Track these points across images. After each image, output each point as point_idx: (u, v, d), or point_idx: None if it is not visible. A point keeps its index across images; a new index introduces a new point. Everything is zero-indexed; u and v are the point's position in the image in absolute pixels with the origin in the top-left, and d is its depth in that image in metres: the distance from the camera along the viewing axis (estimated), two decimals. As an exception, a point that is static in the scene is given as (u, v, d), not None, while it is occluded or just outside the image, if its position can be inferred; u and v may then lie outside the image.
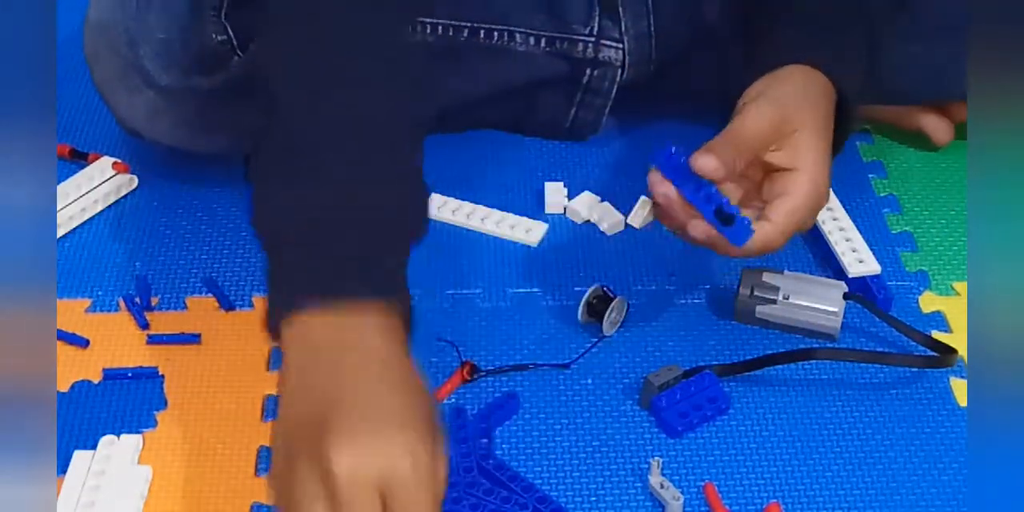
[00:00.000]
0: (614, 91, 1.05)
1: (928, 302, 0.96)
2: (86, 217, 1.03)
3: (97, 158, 1.07)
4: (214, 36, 0.97)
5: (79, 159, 1.08)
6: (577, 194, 1.04)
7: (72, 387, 0.90)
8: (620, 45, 1.03)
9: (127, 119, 1.02)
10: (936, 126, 1.08)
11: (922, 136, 1.09)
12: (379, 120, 0.78)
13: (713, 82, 0.99)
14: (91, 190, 1.04)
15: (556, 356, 0.92)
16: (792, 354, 0.90)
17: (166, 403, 0.89)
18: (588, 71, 1.03)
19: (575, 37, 1.02)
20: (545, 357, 0.92)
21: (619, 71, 1.04)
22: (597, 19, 1.02)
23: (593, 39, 1.02)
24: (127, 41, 0.99)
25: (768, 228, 0.82)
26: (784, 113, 0.83)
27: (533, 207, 1.04)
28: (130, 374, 0.90)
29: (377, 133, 0.77)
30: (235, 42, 0.97)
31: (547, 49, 1.02)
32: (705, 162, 0.78)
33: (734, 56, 0.94)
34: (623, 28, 1.03)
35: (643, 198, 1.02)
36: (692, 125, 1.11)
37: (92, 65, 1.03)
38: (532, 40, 1.02)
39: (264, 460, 0.85)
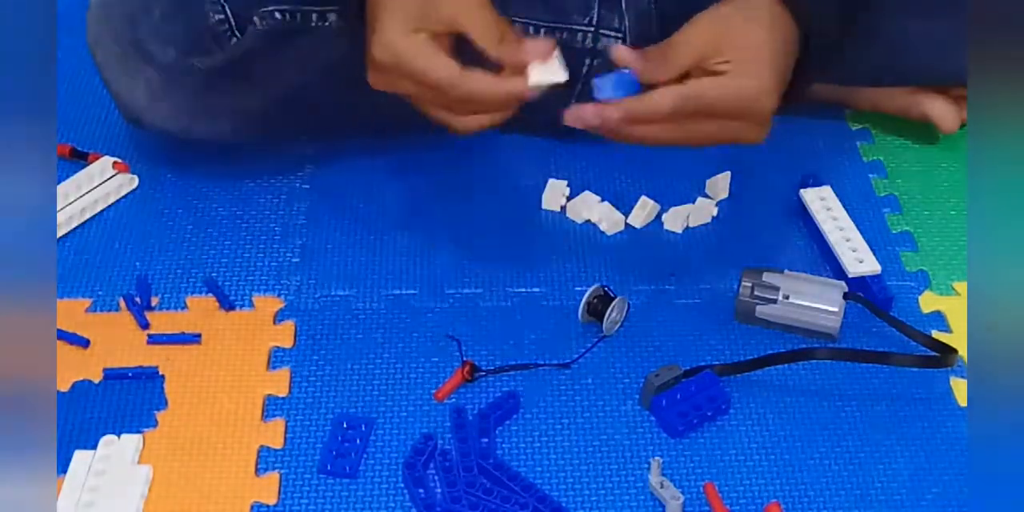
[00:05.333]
0: None
1: (928, 302, 0.96)
2: (86, 217, 1.03)
3: (97, 158, 1.07)
4: (212, 16, 0.97)
5: (79, 159, 1.08)
6: (578, 194, 1.04)
7: (72, 387, 0.90)
8: (620, 35, 1.03)
9: (127, 103, 1.03)
10: (943, 112, 1.07)
11: (929, 125, 1.09)
12: None
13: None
14: (91, 190, 1.04)
15: (556, 356, 0.92)
16: (792, 354, 0.90)
17: (166, 403, 0.89)
18: (588, 62, 1.03)
19: (574, 27, 1.02)
20: (545, 357, 0.92)
21: None
22: (596, 9, 1.02)
23: (592, 29, 1.02)
24: (128, 20, 1.00)
25: (659, 91, 0.83)
26: (727, 27, 0.84)
27: (534, 207, 1.04)
28: (130, 374, 0.90)
29: None
30: (232, 23, 0.98)
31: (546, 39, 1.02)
32: (619, 49, 0.84)
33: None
34: (622, 18, 1.02)
35: (643, 198, 1.02)
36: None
37: (94, 49, 1.04)
38: (531, 31, 1.02)
39: (264, 460, 0.85)
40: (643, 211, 1.02)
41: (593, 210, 1.03)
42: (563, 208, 1.04)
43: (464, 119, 0.87)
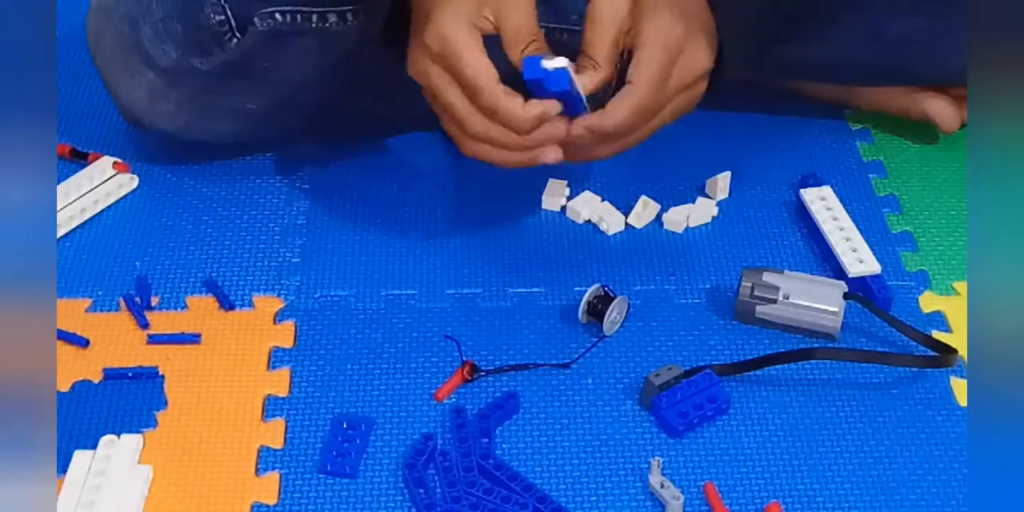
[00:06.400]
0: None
1: (928, 302, 0.96)
2: (86, 217, 1.03)
3: (97, 158, 1.07)
4: (212, 17, 0.97)
5: (79, 159, 1.08)
6: (578, 194, 1.04)
7: (72, 387, 0.90)
8: None
9: (128, 104, 1.03)
10: (943, 112, 1.07)
11: (929, 125, 1.09)
12: None
13: (716, 70, 0.99)
14: (91, 190, 1.04)
15: (556, 356, 0.92)
16: (792, 354, 0.90)
17: (166, 403, 0.89)
18: None
19: (574, 28, 1.02)
20: (545, 357, 0.92)
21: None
22: None
23: None
24: (128, 22, 1.00)
25: (630, 90, 0.84)
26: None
27: (534, 207, 1.04)
28: (130, 374, 0.90)
29: None
30: (233, 24, 0.98)
31: (547, 40, 1.02)
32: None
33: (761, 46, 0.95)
34: None
35: (643, 198, 1.02)
36: (696, 117, 1.11)
37: (95, 50, 1.04)
38: None
39: (264, 460, 0.85)
40: (643, 211, 1.02)
41: (593, 210, 1.03)
42: (563, 208, 1.04)
43: (472, 142, 0.87)
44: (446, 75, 0.85)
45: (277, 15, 0.96)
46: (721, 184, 1.05)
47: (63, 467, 0.83)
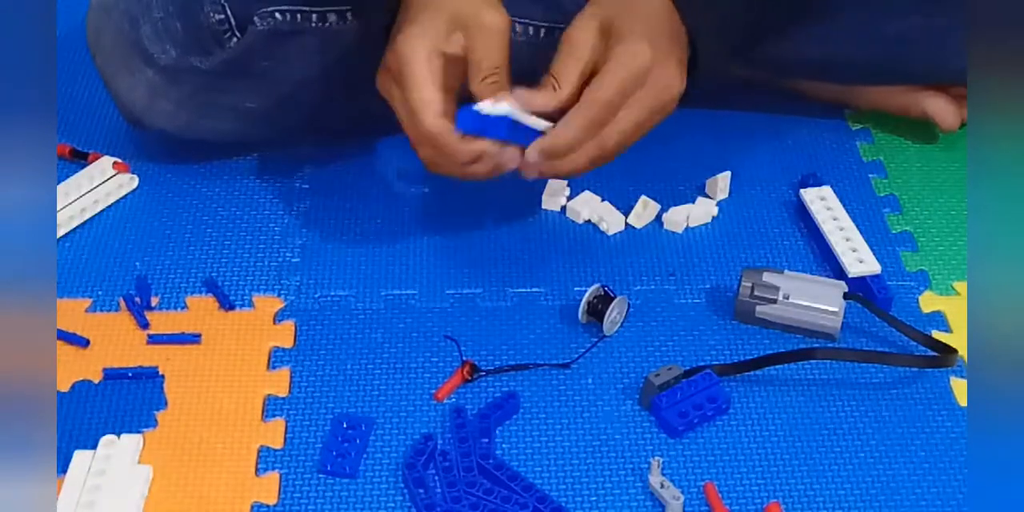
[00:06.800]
0: None
1: (928, 302, 0.96)
2: (86, 217, 1.03)
3: (97, 158, 1.07)
4: (212, 16, 0.98)
5: (79, 159, 1.08)
6: (578, 194, 1.04)
7: (72, 387, 0.90)
8: None
9: (128, 103, 1.03)
10: (943, 111, 1.07)
11: (929, 125, 1.09)
12: None
13: (717, 70, 0.99)
14: (91, 190, 1.04)
15: (556, 356, 0.92)
16: (792, 354, 0.90)
17: (166, 403, 0.89)
18: None
19: None
20: (545, 357, 0.92)
21: None
22: None
23: None
24: (128, 20, 1.00)
25: (561, 124, 0.85)
26: (608, 16, 0.86)
27: (534, 207, 1.04)
28: (130, 374, 0.90)
29: None
30: (233, 23, 0.98)
31: (546, 39, 1.02)
32: (503, 103, 0.84)
33: (734, 43, 0.95)
34: None
35: (643, 198, 1.02)
36: (696, 117, 1.11)
37: (95, 49, 1.04)
38: (531, 30, 1.02)
39: (264, 460, 0.85)
40: (643, 211, 1.02)
41: (593, 210, 1.03)
42: (563, 208, 1.04)
43: (424, 155, 0.88)
44: (397, 94, 0.87)
45: (277, 14, 0.97)
46: (721, 184, 1.05)
47: (63, 467, 0.83)
